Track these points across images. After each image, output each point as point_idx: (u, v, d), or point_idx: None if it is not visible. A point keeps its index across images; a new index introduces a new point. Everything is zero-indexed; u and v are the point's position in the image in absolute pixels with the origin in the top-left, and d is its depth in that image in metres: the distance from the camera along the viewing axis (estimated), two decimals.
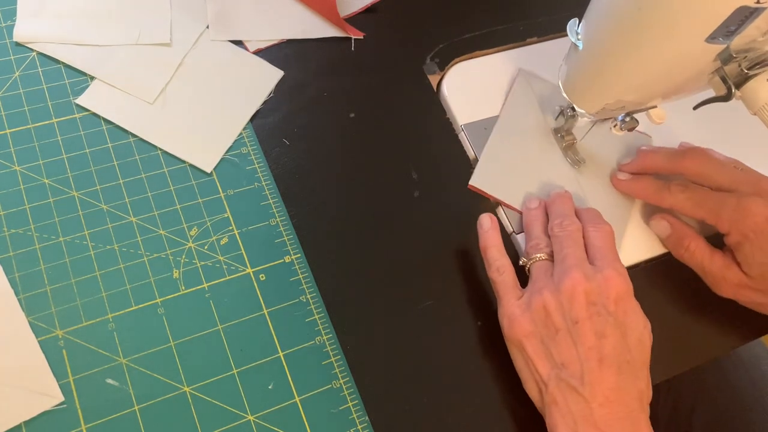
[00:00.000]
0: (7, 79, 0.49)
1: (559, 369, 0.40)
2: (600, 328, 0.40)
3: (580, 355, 0.40)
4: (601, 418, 0.38)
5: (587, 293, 0.41)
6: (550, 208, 0.48)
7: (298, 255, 0.46)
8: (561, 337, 0.40)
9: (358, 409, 0.42)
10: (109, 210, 0.46)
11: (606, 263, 0.43)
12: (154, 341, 0.42)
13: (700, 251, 0.48)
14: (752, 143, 0.58)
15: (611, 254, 0.44)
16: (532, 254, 0.45)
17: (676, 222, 0.50)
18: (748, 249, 0.45)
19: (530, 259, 0.45)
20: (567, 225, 0.45)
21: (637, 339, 0.41)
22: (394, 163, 0.52)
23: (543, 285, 0.42)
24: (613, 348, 0.40)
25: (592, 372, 0.39)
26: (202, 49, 0.53)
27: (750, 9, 0.33)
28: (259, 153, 0.50)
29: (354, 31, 0.56)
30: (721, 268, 0.47)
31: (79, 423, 0.39)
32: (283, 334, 0.44)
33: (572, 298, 0.41)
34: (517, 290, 0.44)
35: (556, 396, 0.40)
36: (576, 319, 0.40)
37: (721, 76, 0.38)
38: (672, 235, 0.50)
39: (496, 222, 0.47)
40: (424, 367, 0.45)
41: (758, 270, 0.45)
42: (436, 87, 0.56)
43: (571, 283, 0.41)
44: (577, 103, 0.48)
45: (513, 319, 0.42)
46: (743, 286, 0.47)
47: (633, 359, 0.40)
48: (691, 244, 0.48)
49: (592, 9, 0.43)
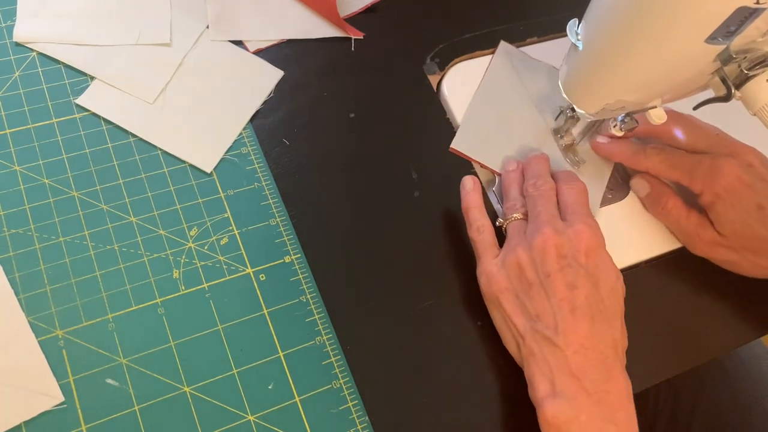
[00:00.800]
0: (7, 79, 0.49)
1: (534, 321, 0.41)
2: (571, 280, 0.41)
3: (553, 307, 0.41)
4: (576, 365, 0.40)
5: (558, 247, 0.42)
6: (526, 169, 0.49)
7: (298, 255, 0.46)
8: (534, 290, 0.42)
9: (358, 409, 0.42)
10: (109, 210, 0.46)
11: (576, 218, 0.44)
12: (154, 341, 0.42)
13: (677, 209, 0.50)
14: (752, 143, 0.58)
15: (582, 210, 0.45)
16: (509, 215, 0.47)
17: (655, 181, 0.51)
18: (720, 207, 0.47)
19: (506, 219, 0.47)
20: (540, 185, 0.46)
21: (609, 289, 0.42)
22: (394, 163, 0.52)
23: (517, 243, 0.44)
24: (585, 298, 0.41)
25: (566, 322, 0.40)
26: (202, 49, 0.53)
27: (750, 9, 0.33)
28: (259, 153, 0.50)
29: (354, 31, 0.56)
30: (696, 226, 0.49)
31: (79, 423, 0.39)
32: (283, 334, 0.44)
33: (543, 252, 0.42)
34: (495, 249, 0.45)
35: (532, 347, 0.41)
36: (548, 272, 0.42)
37: (721, 76, 0.38)
38: (651, 194, 0.51)
39: (478, 184, 0.48)
40: (424, 367, 0.45)
41: (730, 228, 0.47)
42: (436, 87, 0.56)
43: (542, 239, 0.42)
44: (577, 103, 0.48)
45: (490, 276, 0.44)
46: (717, 244, 0.49)
47: (605, 308, 0.41)
48: (669, 202, 0.50)
49: (592, 9, 0.43)
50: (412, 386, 0.44)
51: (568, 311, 0.41)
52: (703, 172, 0.48)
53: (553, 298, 0.41)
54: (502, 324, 0.44)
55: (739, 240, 0.48)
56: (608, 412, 0.39)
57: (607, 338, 0.41)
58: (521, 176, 0.49)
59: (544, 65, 0.58)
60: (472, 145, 0.53)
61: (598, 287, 0.42)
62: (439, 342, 0.46)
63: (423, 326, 0.46)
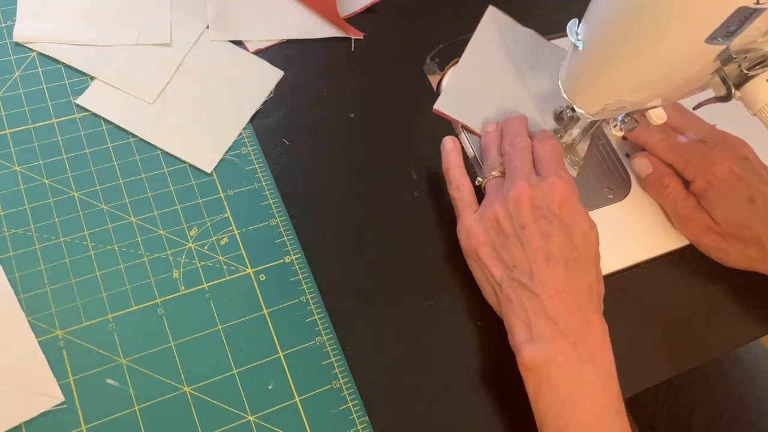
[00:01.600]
0: (7, 79, 0.49)
1: (510, 270, 0.43)
2: (545, 230, 0.43)
3: (528, 256, 0.42)
4: (552, 308, 0.41)
5: (531, 199, 0.44)
6: (504, 129, 0.51)
7: (298, 255, 0.46)
8: (511, 242, 0.43)
9: (358, 409, 0.42)
10: (109, 210, 0.46)
11: (550, 172, 0.45)
12: (154, 341, 0.42)
13: (677, 190, 0.51)
14: (752, 143, 0.58)
15: (556, 164, 0.46)
16: (488, 173, 0.48)
17: (657, 162, 0.52)
18: (712, 195, 0.49)
19: (485, 178, 0.48)
20: (517, 142, 0.48)
21: (582, 237, 0.43)
22: (394, 163, 0.52)
23: (494, 198, 0.45)
24: (559, 246, 0.42)
25: (541, 269, 0.42)
26: (202, 49, 0.53)
27: (750, 9, 0.33)
28: (259, 153, 0.50)
29: (354, 31, 0.56)
30: (692, 209, 0.50)
31: (79, 423, 0.39)
32: (283, 334, 0.44)
33: (518, 205, 0.44)
34: (474, 206, 0.47)
35: (509, 294, 0.42)
36: (523, 224, 0.43)
37: (721, 76, 0.38)
38: (653, 173, 0.52)
39: (458, 144, 0.49)
40: (424, 367, 0.45)
41: (722, 214, 0.49)
42: (436, 87, 0.56)
43: (517, 192, 0.44)
44: (577, 103, 0.48)
45: (469, 231, 0.45)
46: (710, 229, 0.50)
47: (579, 255, 0.43)
48: (670, 184, 0.51)
49: (592, 9, 0.43)
50: (412, 386, 0.44)
51: (542, 260, 0.42)
52: (698, 159, 0.49)
53: (528, 248, 0.42)
54: (482, 276, 0.45)
55: (729, 227, 0.49)
56: (585, 353, 0.40)
57: (582, 283, 0.42)
58: (500, 137, 0.51)
59: (529, 32, 0.59)
60: (456, 106, 0.54)
61: (571, 236, 0.43)
62: (439, 342, 0.46)
63: (423, 326, 0.46)
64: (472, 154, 0.53)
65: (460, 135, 0.54)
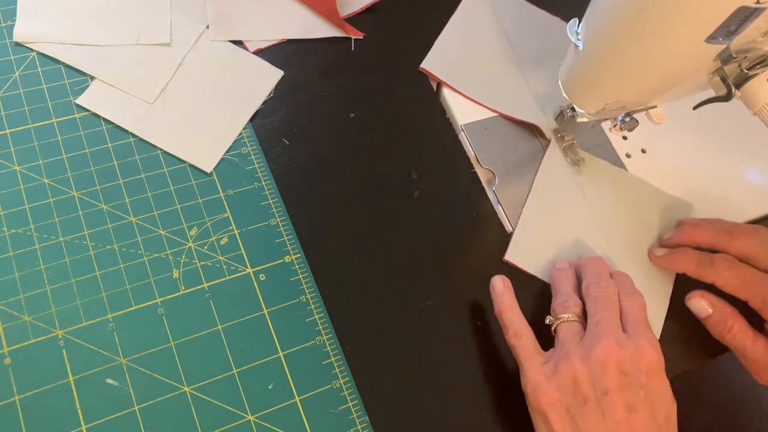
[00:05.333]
0: (7, 79, 0.49)
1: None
2: (631, 401, 0.38)
3: (608, 429, 0.38)
4: None
5: (619, 363, 0.39)
6: (585, 268, 0.46)
7: (298, 255, 0.46)
8: (589, 407, 0.38)
9: (358, 409, 0.42)
10: (109, 210, 0.46)
11: (639, 332, 0.41)
12: (154, 341, 0.42)
13: (743, 334, 0.45)
14: (752, 143, 0.58)
15: (644, 324, 0.42)
16: (560, 313, 0.43)
17: (717, 301, 0.46)
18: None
19: (557, 318, 0.43)
20: (605, 286, 0.43)
21: (665, 415, 0.39)
22: (394, 163, 0.52)
23: (571, 350, 0.40)
24: (644, 424, 0.38)
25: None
26: (202, 49, 0.53)
27: (750, 9, 0.33)
28: (259, 153, 0.50)
29: (354, 31, 0.56)
30: (764, 354, 0.45)
31: (79, 423, 0.39)
32: (283, 334, 0.44)
33: (604, 366, 0.39)
34: (539, 355, 0.41)
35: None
36: (606, 389, 0.38)
37: (721, 76, 0.38)
38: (713, 315, 0.46)
39: (509, 283, 0.45)
40: (424, 367, 0.45)
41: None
42: (436, 87, 0.56)
43: (604, 351, 0.39)
44: (577, 103, 0.48)
45: (538, 386, 0.40)
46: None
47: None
48: (734, 326, 0.45)
49: (592, 9, 0.43)
50: (412, 386, 0.44)
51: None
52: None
53: (611, 420, 0.38)
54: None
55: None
56: None
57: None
58: (574, 273, 0.46)
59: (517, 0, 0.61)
60: (442, 67, 0.55)
61: (655, 412, 0.39)
62: (439, 342, 0.46)
63: (423, 326, 0.46)
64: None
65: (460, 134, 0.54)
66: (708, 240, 0.47)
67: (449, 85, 0.55)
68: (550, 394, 0.39)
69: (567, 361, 0.39)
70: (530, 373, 0.40)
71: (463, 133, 0.54)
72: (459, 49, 0.57)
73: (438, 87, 0.56)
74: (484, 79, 0.56)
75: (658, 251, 0.49)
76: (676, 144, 0.56)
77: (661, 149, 0.56)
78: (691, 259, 0.47)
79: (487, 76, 0.56)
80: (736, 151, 0.57)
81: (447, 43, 0.57)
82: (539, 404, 0.39)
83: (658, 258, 0.49)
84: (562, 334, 0.42)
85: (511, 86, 0.56)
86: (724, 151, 0.57)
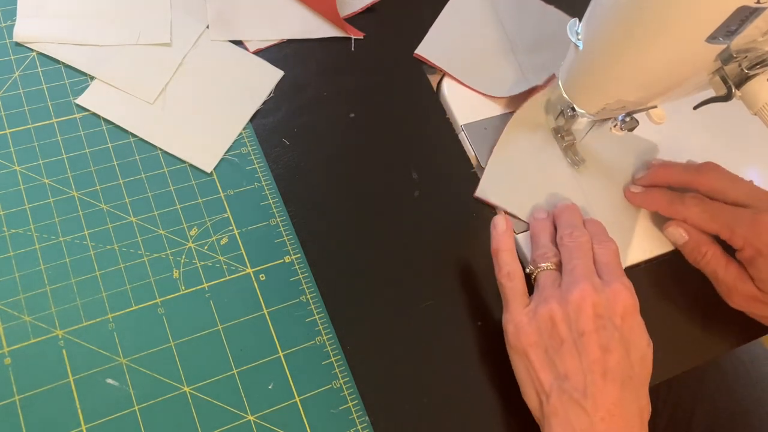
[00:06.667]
0: (7, 79, 0.49)
1: (561, 380, 0.40)
2: (605, 342, 0.40)
3: (584, 368, 0.39)
4: None
5: (595, 305, 0.41)
6: (559, 218, 0.48)
7: (298, 255, 0.46)
8: (566, 348, 0.40)
9: (358, 409, 0.42)
10: (109, 210, 0.46)
11: (614, 277, 0.42)
12: (154, 341, 0.42)
13: (716, 259, 0.48)
14: (752, 143, 0.58)
15: (618, 269, 0.44)
16: (540, 263, 0.45)
17: (692, 229, 0.49)
18: (762, 264, 0.45)
19: (537, 267, 0.45)
20: (578, 236, 0.45)
21: (640, 356, 0.41)
22: (394, 163, 0.52)
23: (550, 294, 0.42)
24: (618, 363, 0.39)
25: (596, 385, 0.39)
26: (202, 49, 0.53)
27: (750, 9, 0.33)
28: (259, 153, 0.50)
29: (354, 31, 0.56)
30: (735, 279, 0.47)
31: (79, 423, 0.39)
32: (283, 334, 0.44)
33: (580, 309, 0.41)
34: (525, 298, 0.44)
35: (557, 407, 0.39)
36: (582, 331, 0.40)
37: (722, 76, 0.38)
38: (689, 243, 0.49)
39: (510, 225, 0.46)
40: (424, 367, 0.45)
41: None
42: (436, 87, 0.56)
43: (580, 294, 0.41)
44: (577, 103, 0.48)
45: (519, 327, 0.42)
46: (755, 299, 0.47)
47: (635, 375, 0.40)
48: (708, 252, 0.48)
49: (591, 9, 0.43)
50: (412, 386, 0.44)
51: (599, 374, 0.39)
52: (745, 226, 0.46)
53: (586, 359, 0.40)
54: (526, 378, 0.42)
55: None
56: None
57: (635, 407, 0.40)
58: (552, 224, 0.48)
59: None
60: (436, 53, 0.56)
61: (629, 352, 0.40)
62: (439, 342, 0.46)
63: (423, 326, 0.46)
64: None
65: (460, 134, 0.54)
66: (678, 178, 0.50)
67: (441, 69, 0.55)
68: (531, 335, 0.41)
69: (545, 304, 0.42)
70: (514, 313, 0.43)
71: (463, 133, 0.54)
72: (454, 36, 0.58)
73: (438, 87, 0.56)
74: (478, 65, 0.56)
75: (634, 188, 0.52)
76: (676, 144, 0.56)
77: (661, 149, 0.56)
78: (663, 196, 0.50)
79: (482, 63, 0.56)
80: (736, 151, 0.57)
81: (442, 30, 0.58)
82: (520, 344, 0.42)
83: (633, 195, 0.52)
84: (541, 281, 0.44)
85: (506, 72, 0.57)
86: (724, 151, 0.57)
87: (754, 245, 0.45)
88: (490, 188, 0.51)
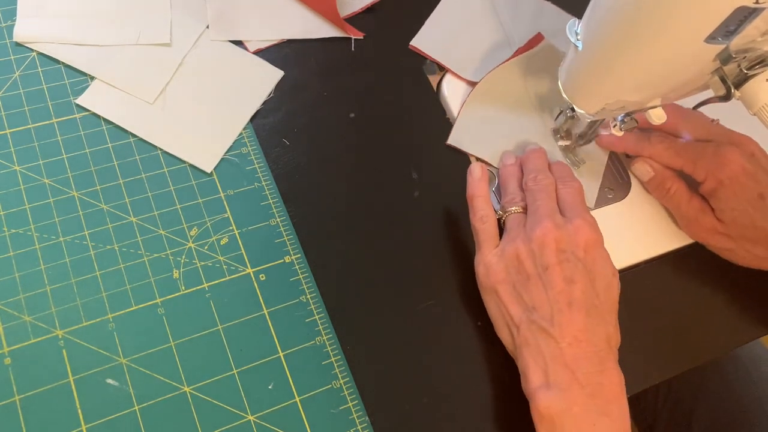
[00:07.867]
0: (7, 79, 0.49)
1: (530, 312, 0.42)
2: (569, 274, 0.42)
3: (550, 299, 0.41)
4: (570, 356, 0.40)
5: (557, 241, 0.43)
6: (525, 163, 0.50)
7: (298, 255, 0.46)
8: (532, 282, 0.42)
9: (358, 409, 0.42)
10: (109, 210, 0.46)
11: (576, 214, 0.44)
12: (154, 341, 0.42)
13: (680, 193, 0.51)
14: None
15: (581, 207, 0.46)
16: (508, 207, 0.47)
17: (657, 165, 0.52)
18: (722, 195, 0.48)
19: (506, 212, 0.47)
20: (541, 179, 0.47)
21: (605, 285, 0.43)
22: (394, 163, 0.52)
23: (516, 235, 0.44)
24: (582, 292, 0.41)
25: (562, 314, 0.41)
26: (202, 49, 0.53)
27: (749, 9, 0.33)
28: (259, 153, 0.50)
29: (354, 31, 0.56)
30: (697, 212, 0.50)
31: (79, 423, 0.39)
32: (283, 334, 0.44)
33: (543, 245, 0.43)
34: (496, 240, 0.46)
35: (527, 337, 0.41)
36: (546, 265, 0.42)
37: (721, 76, 0.38)
38: (654, 178, 0.52)
39: (486, 172, 0.48)
40: (424, 367, 0.45)
41: (730, 215, 0.48)
42: (436, 87, 0.56)
43: (542, 232, 0.43)
44: (577, 104, 0.48)
45: (489, 266, 0.44)
46: (715, 231, 0.50)
47: (601, 304, 0.42)
48: (672, 186, 0.51)
49: (591, 9, 0.43)
50: (412, 386, 0.44)
51: (564, 304, 0.41)
52: (707, 159, 0.48)
53: (551, 290, 0.42)
54: (497, 314, 0.44)
55: (737, 228, 0.48)
56: (601, 405, 0.40)
57: (601, 332, 0.41)
58: (519, 170, 0.50)
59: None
60: (432, 45, 0.57)
61: (594, 282, 0.42)
62: (439, 342, 0.46)
63: (423, 326, 0.46)
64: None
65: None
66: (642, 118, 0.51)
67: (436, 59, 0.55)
68: (498, 272, 0.44)
69: (512, 244, 0.44)
70: (485, 254, 0.45)
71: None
72: (450, 28, 0.58)
73: (438, 87, 0.56)
74: (474, 57, 0.57)
75: (602, 130, 0.53)
76: None
77: None
78: (630, 137, 0.52)
79: (478, 55, 0.57)
80: None
81: (438, 22, 0.58)
82: (489, 282, 0.44)
83: (602, 137, 0.54)
84: (509, 223, 0.46)
85: None
86: None
87: (716, 176, 0.48)
88: (462, 136, 0.53)
